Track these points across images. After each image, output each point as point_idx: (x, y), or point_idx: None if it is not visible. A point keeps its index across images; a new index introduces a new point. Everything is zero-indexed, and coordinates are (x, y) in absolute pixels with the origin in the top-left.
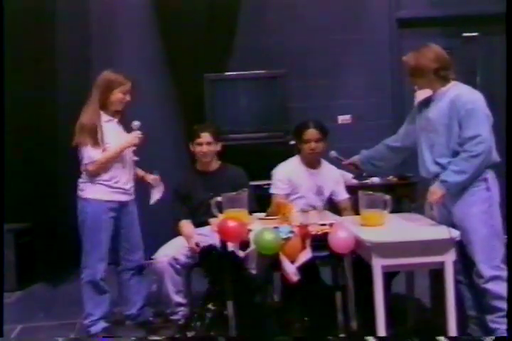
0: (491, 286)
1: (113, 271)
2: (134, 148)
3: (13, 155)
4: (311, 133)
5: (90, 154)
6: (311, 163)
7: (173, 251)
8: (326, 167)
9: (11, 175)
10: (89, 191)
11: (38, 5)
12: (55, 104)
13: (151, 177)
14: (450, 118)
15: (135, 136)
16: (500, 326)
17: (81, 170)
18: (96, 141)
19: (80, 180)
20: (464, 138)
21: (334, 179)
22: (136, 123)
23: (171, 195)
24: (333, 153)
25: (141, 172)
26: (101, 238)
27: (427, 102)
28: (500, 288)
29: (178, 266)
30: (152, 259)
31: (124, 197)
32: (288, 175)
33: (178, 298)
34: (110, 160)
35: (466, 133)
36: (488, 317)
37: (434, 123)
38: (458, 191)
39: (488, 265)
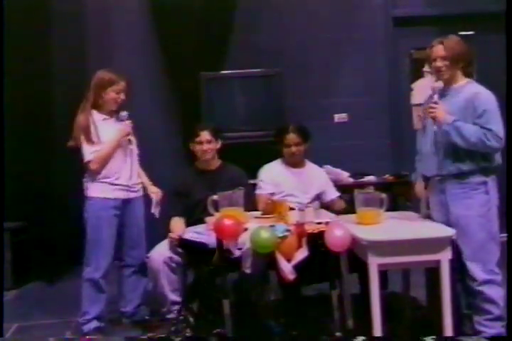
0: (484, 289)
1: (114, 266)
2: (129, 137)
3: (10, 154)
4: (291, 137)
5: (86, 152)
6: (294, 163)
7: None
8: (310, 167)
9: (8, 174)
10: (92, 189)
11: (36, 4)
12: (53, 104)
13: (153, 191)
14: (465, 116)
15: (126, 125)
16: (486, 329)
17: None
18: (89, 139)
19: (84, 179)
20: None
21: (320, 178)
22: (123, 114)
23: (171, 192)
24: None
25: (146, 181)
26: (103, 236)
27: (440, 96)
28: (494, 292)
29: (173, 265)
30: (148, 257)
31: (127, 194)
32: (271, 175)
33: (174, 297)
34: (109, 155)
35: (488, 126)
36: (476, 319)
37: None
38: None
39: (482, 268)
